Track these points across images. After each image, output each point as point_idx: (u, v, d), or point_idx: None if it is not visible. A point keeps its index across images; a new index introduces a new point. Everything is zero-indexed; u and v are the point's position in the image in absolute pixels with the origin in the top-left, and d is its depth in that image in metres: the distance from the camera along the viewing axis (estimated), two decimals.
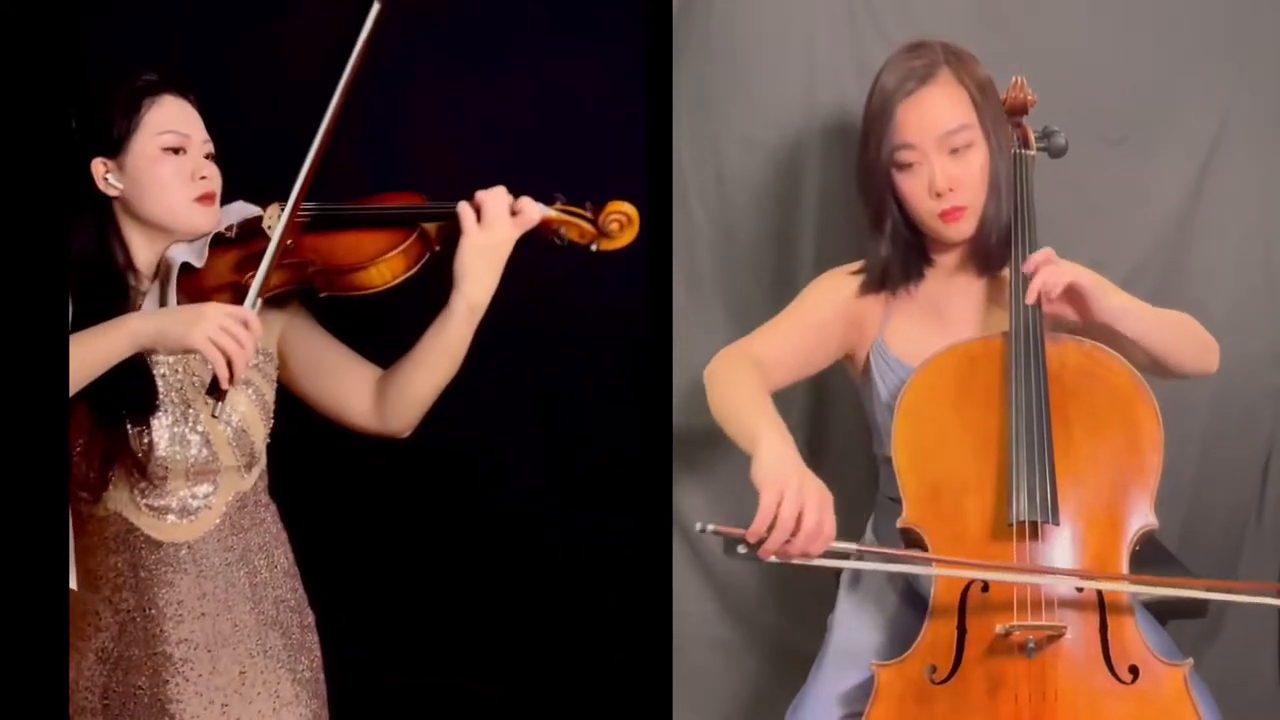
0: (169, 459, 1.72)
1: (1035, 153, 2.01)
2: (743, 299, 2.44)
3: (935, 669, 1.77)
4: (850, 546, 1.70)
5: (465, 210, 1.74)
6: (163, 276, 1.73)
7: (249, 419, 1.78)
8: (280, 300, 1.80)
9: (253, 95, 2.03)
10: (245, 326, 1.63)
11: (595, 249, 1.78)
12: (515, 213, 1.74)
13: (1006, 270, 1.94)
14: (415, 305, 1.81)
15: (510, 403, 2.21)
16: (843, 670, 1.93)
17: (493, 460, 2.24)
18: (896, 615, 1.97)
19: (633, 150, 2.05)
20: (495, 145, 2.06)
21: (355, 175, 1.82)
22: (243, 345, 1.62)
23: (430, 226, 1.77)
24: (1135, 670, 1.76)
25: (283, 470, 1.87)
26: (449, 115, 2.11)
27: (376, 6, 1.70)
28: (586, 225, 1.77)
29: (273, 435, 1.83)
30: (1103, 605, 1.78)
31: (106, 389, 1.65)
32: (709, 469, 2.50)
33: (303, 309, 1.85)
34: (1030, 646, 1.73)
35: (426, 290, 1.78)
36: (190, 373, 1.75)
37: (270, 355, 1.83)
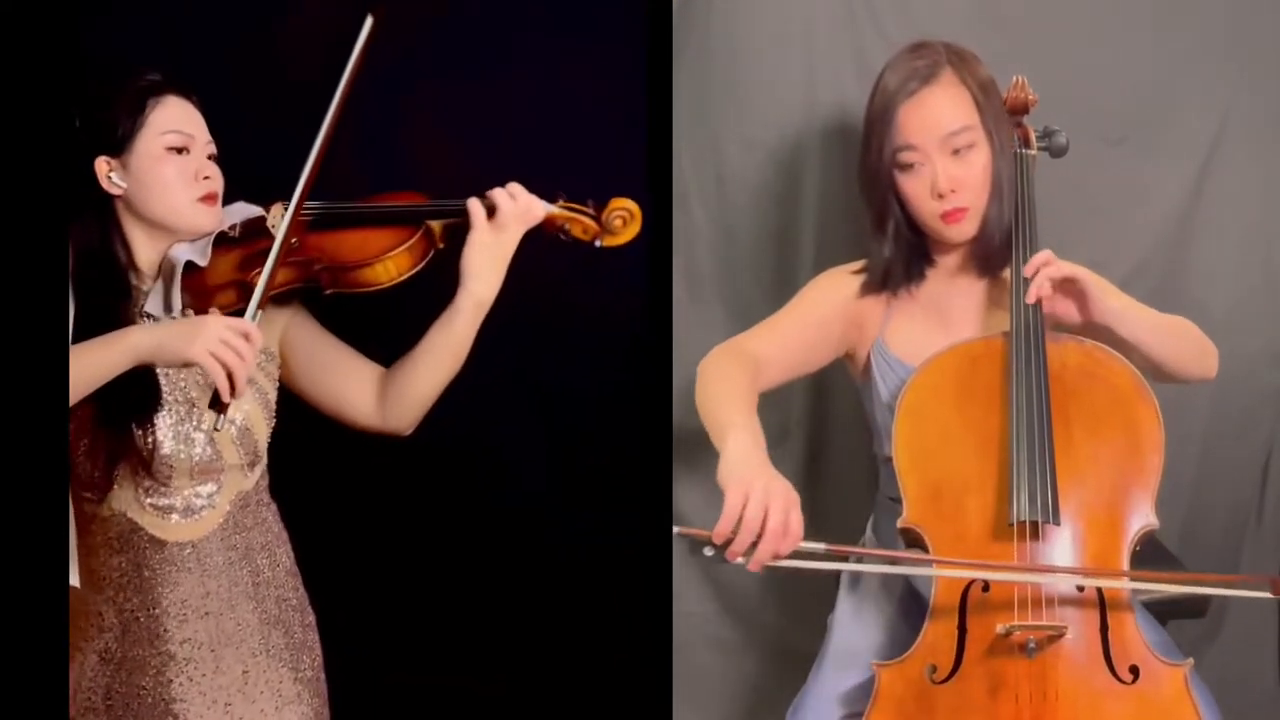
0: (173, 458, 1.72)
1: (1036, 152, 2.01)
2: (743, 299, 2.44)
3: (936, 669, 1.77)
4: (818, 546, 1.67)
5: (475, 207, 1.74)
6: (167, 275, 1.73)
7: (252, 418, 1.78)
8: (281, 299, 1.79)
9: (251, 96, 2.03)
10: (246, 339, 1.62)
11: (599, 245, 1.79)
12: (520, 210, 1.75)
13: (1007, 271, 1.94)
14: (415, 305, 1.81)
15: (510, 402, 2.21)
16: (843, 670, 1.93)
17: (492, 460, 2.24)
18: (897, 615, 1.96)
19: (633, 150, 2.05)
20: (495, 145, 2.06)
21: (356, 175, 1.82)
22: (243, 358, 1.61)
23: (435, 224, 1.77)
24: (1136, 670, 1.76)
25: (282, 470, 1.87)
26: (449, 115, 2.11)
27: (370, 20, 1.70)
28: (590, 221, 1.78)
29: (272, 435, 1.82)
30: (1103, 605, 1.78)
31: (111, 389, 1.65)
32: (709, 469, 2.47)
33: (303, 309, 1.85)
34: (1031, 646, 1.73)
35: (426, 290, 1.78)
36: (194, 371, 1.75)
37: (272, 354, 1.83)
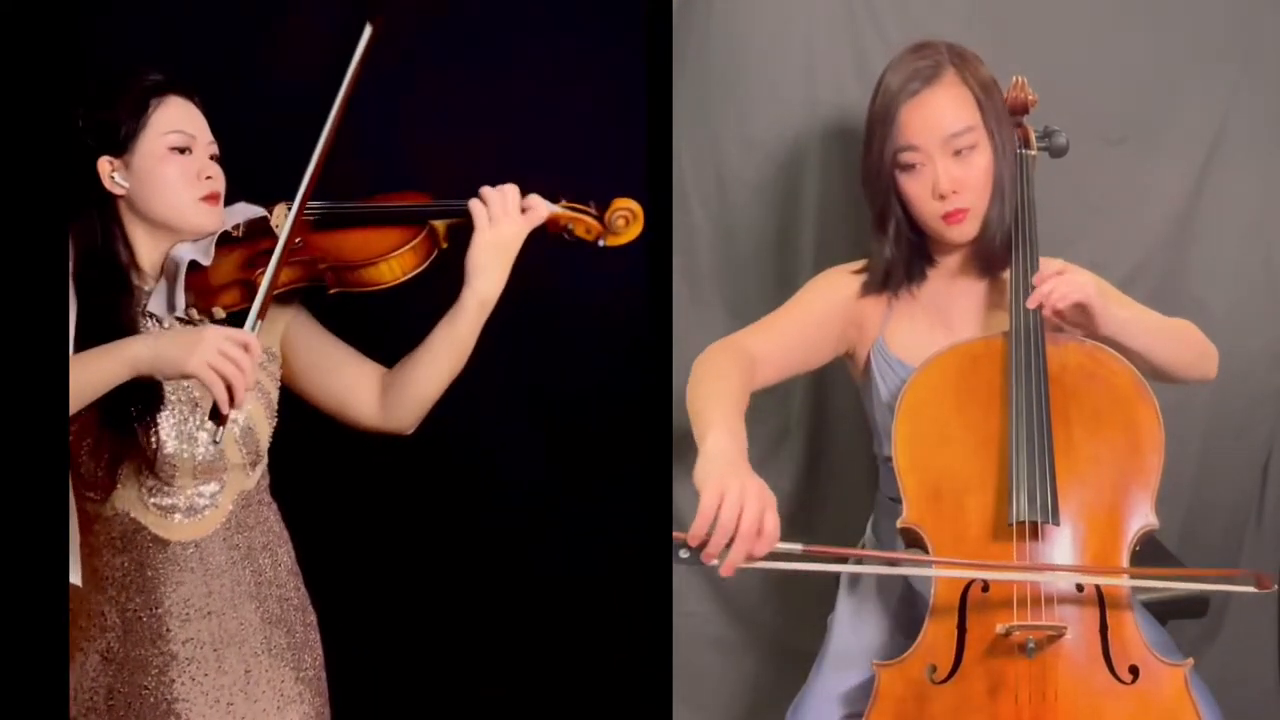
0: (176, 457, 1.72)
1: (1036, 153, 2.01)
2: (743, 299, 2.43)
3: (935, 669, 1.77)
4: (794, 547, 1.65)
5: (478, 206, 1.75)
6: (170, 275, 1.73)
7: (255, 417, 1.78)
8: (283, 299, 1.80)
9: (250, 97, 2.03)
10: (245, 350, 1.61)
11: (602, 244, 1.80)
12: (524, 209, 1.76)
13: (1008, 272, 1.94)
14: (416, 307, 1.81)
15: (510, 402, 2.21)
16: (843, 670, 1.94)
17: (492, 460, 2.23)
18: (896, 615, 1.97)
19: (633, 150, 2.05)
20: (496, 145, 2.06)
21: (356, 176, 1.81)
22: (242, 369, 1.60)
23: (439, 224, 1.78)
24: (1135, 670, 1.76)
25: (283, 470, 1.87)
26: (449, 116, 2.11)
27: (369, 29, 1.70)
28: (593, 221, 1.79)
29: (273, 435, 1.82)
30: (1103, 605, 1.78)
31: (114, 388, 1.65)
32: None
33: (304, 309, 1.85)
34: (1030, 646, 1.73)
35: (427, 291, 1.78)
36: None
37: (274, 354, 1.83)
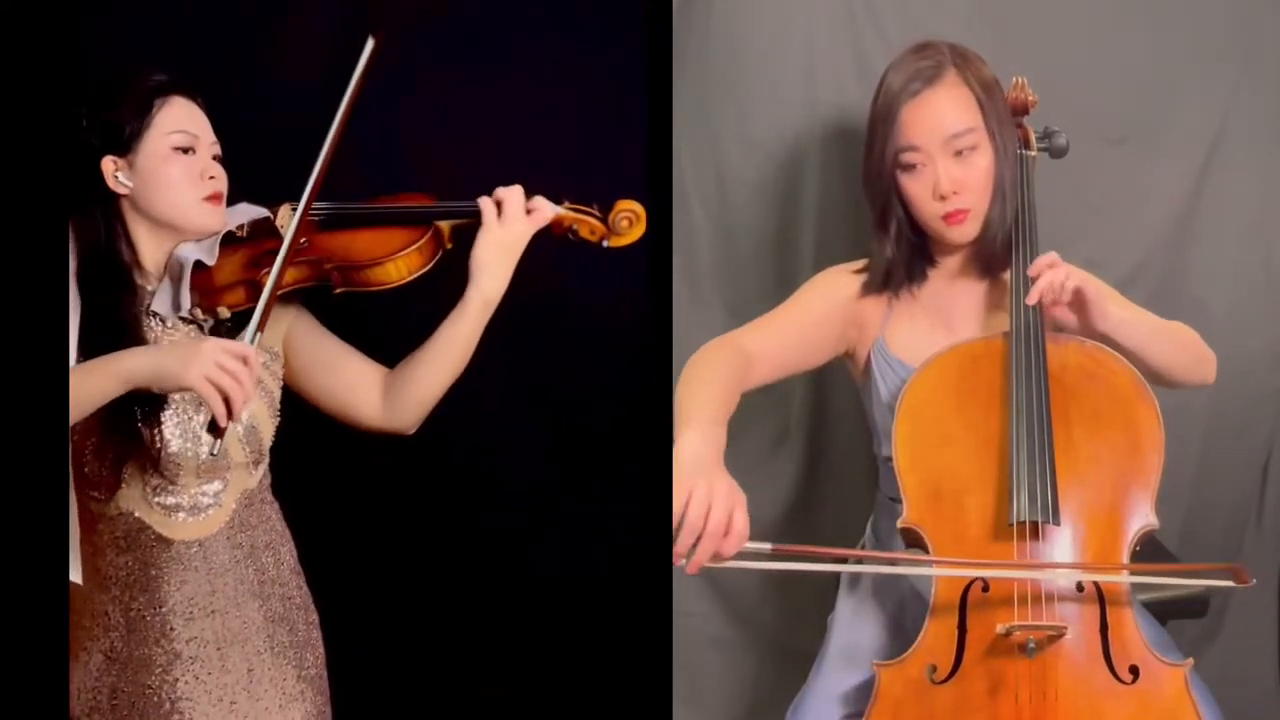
0: (180, 455, 1.72)
1: (1036, 153, 2.01)
2: (743, 299, 2.44)
3: (936, 669, 1.77)
4: (764, 546, 1.66)
5: (487, 205, 1.76)
6: (174, 274, 1.73)
7: (259, 416, 1.78)
8: (285, 299, 1.80)
9: (249, 98, 2.03)
10: (243, 362, 1.60)
11: (606, 245, 1.81)
12: (529, 211, 1.76)
13: (1008, 273, 1.94)
14: (416, 308, 1.81)
15: (510, 402, 2.21)
16: (843, 670, 1.94)
17: (492, 459, 2.23)
18: (896, 615, 1.96)
19: (633, 150, 2.05)
20: (496, 146, 2.06)
21: (358, 177, 1.81)
22: (240, 382, 1.59)
23: (444, 225, 1.78)
24: (1136, 670, 1.76)
25: (284, 469, 1.87)
26: (448, 116, 2.11)
27: (371, 43, 1.71)
28: (597, 223, 1.80)
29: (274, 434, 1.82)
30: (1103, 605, 1.78)
31: None
32: None
33: (305, 309, 1.85)
34: (1030, 646, 1.73)
35: (427, 293, 1.79)
36: None
37: (276, 354, 1.83)
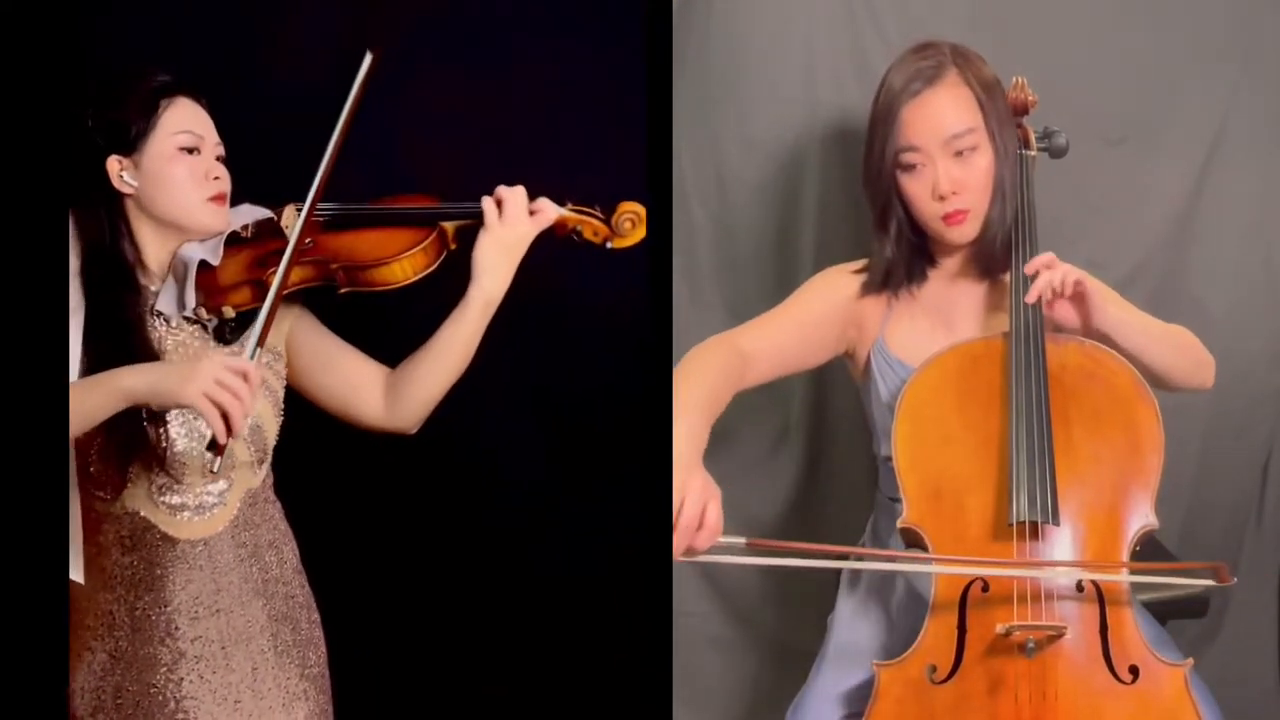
0: (186, 455, 1.72)
1: (1036, 153, 2.01)
2: (743, 299, 2.44)
3: (935, 669, 1.77)
4: (739, 540, 1.68)
5: (488, 205, 1.76)
6: (179, 274, 1.73)
7: (263, 415, 1.78)
8: (288, 299, 1.80)
9: (249, 99, 2.03)
10: (244, 379, 1.60)
11: (610, 247, 1.82)
12: (533, 212, 1.77)
13: (1008, 275, 1.93)
14: (416, 310, 1.82)
15: (510, 402, 2.21)
16: (843, 670, 1.94)
17: (492, 459, 2.23)
18: (896, 615, 1.97)
19: (633, 150, 2.05)
20: (496, 147, 2.06)
21: (359, 179, 1.82)
22: (240, 398, 1.58)
23: (449, 226, 1.79)
24: (1135, 670, 1.76)
25: (285, 469, 1.87)
26: (449, 118, 2.11)
27: (369, 58, 1.72)
28: (600, 224, 1.81)
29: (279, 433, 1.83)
30: (1103, 605, 1.78)
31: None
32: (709, 468, 2.49)
33: (307, 309, 1.86)
34: (1030, 646, 1.73)
35: (428, 294, 1.79)
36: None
37: (279, 353, 1.83)
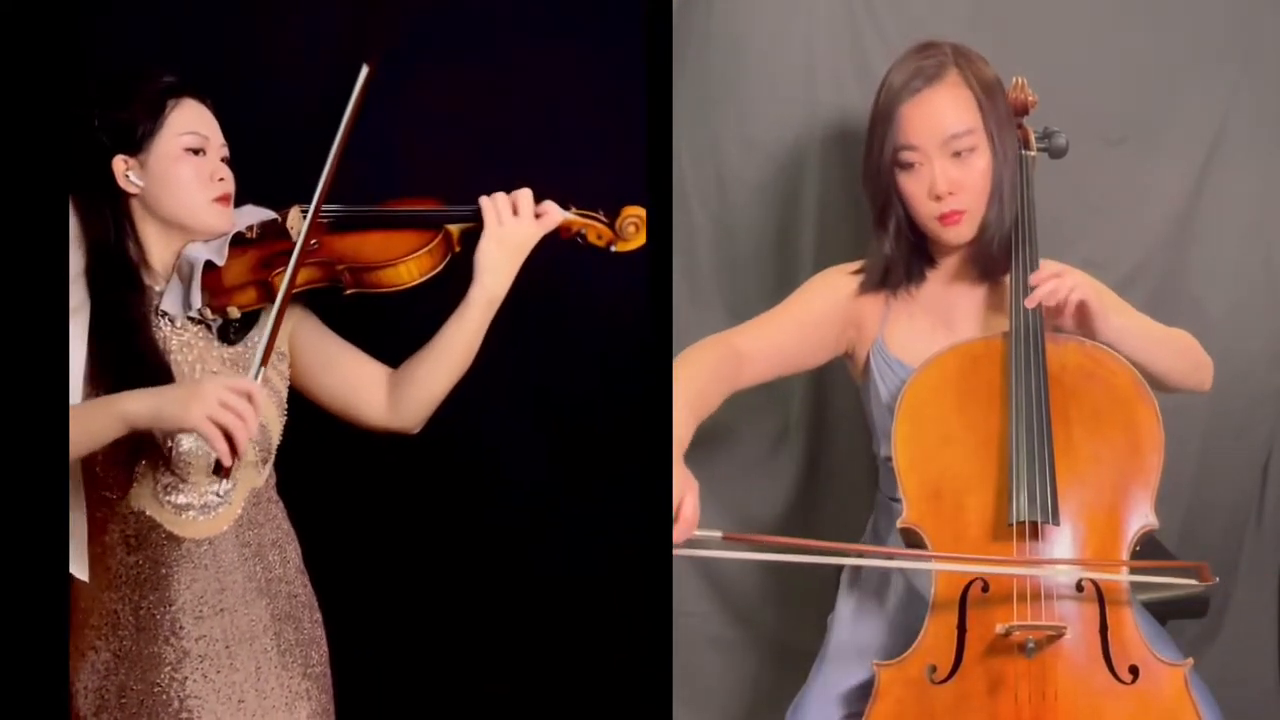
0: (191, 454, 1.71)
1: (1036, 153, 2.01)
2: (743, 299, 2.44)
3: (935, 669, 1.78)
4: (714, 535, 1.69)
5: (488, 205, 1.77)
6: (184, 274, 1.73)
7: (268, 415, 1.77)
8: (292, 300, 1.80)
9: (249, 100, 2.02)
10: (248, 399, 1.59)
11: (614, 250, 1.83)
12: (538, 215, 1.78)
13: (1008, 278, 1.93)
14: (419, 310, 1.82)
15: (511, 402, 2.21)
16: (843, 670, 1.94)
17: (493, 459, 2.23)
18: (896, 615, 1.97)
19: (633, 151, 2.05)
20: (496, 148, 2.07)
21: (358, 180, 1.82)
22: (244, 419, 1.58)
23: (454, 228, 1.80)
24: (1135, 670, 1.76)
25: (287, 468, 1.87)
26: (448, 119, 2.11)
27: (365, 70, 1.72)
28: (604, 227, 1.82)
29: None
30: (1102, 605, 1.78)
31: (124, 385, 1.65)
32: (709, 469, 2.50)
33: (309, 310, 1.86)
34: (1030, 646, 1.73)
35: (430, 296, 1.79)
36: (209, 373, 1.75)
37: (283, 354, 1.83)
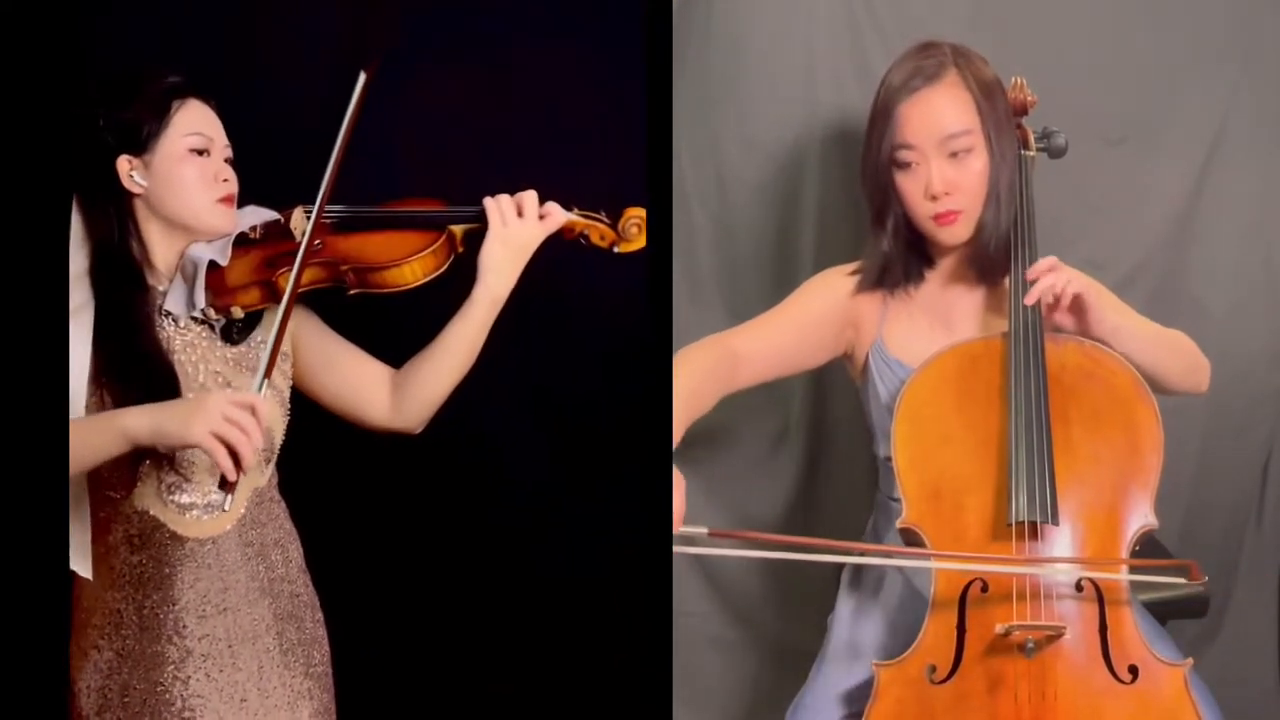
0: (195, 454, 1.72)
1: (1035, 153, 2.01)
2: (743, 299, 2.44)
3: (935, 669, 1.78)
4: (700, 531, 1.70)
5: (492, 206, 1.77)
6: (188, 274, 1.74)
7: (271, 415, 1.78)
8: (296, 301, 1.80)
9: (248, 100, 2.03)
10: (252, 412, 1.59)
11: (617, 250, 1.83)
12: (542, 216, 1.78)
13: (1007, 280, 1.93)
14: (420, 311, 1.82)
15: (511, 403, 2.21)
16: (843, 670, 1.94)
17: (494, 459, 2.24)
18: (896, 615, 1.97)
19: (633, 151, 2.06)
20: (496, 149, 2.07)
21: (359, 182, 1.82)
22: (248, 433, 1.58)
23: (457, 229, 1.80)
24: (1135, 670, 1.76)
25: (289, 468, 1.87)
26: (448, 120, 2.11)
27: (363, 77, 1.73)
28: (607, 229, 1.82)
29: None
30: (1102, 605, 1.78)
31: (129, 384, 1.66)
32: (709, 469, 2.50)
33: (311, 311, 1.86)
34: (1029, 646, 1.73)
35: (431, 297, 1.79)
36: (213, 371, 1.75)
37: (286, 353, 1.83)
